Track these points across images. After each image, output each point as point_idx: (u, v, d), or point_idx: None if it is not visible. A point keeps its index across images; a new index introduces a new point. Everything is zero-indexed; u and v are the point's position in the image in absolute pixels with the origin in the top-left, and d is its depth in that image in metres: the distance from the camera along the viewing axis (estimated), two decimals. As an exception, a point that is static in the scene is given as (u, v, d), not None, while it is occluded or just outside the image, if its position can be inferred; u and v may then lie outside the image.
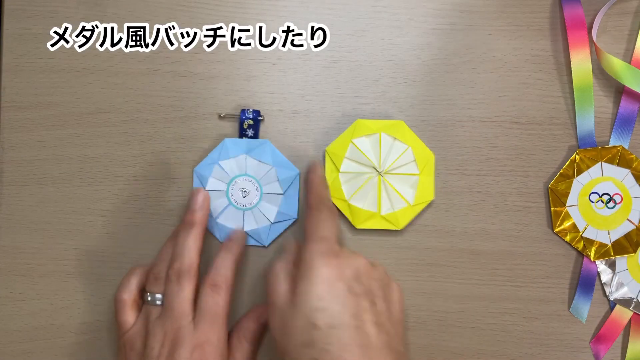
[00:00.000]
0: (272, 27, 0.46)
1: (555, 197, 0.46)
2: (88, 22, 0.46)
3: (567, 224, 0.46)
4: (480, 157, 0.46)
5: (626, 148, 0.45)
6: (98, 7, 0.46)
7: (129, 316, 0.41)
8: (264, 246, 0.45)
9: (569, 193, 0.46)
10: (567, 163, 0.45)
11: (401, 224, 0.44)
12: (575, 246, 0.46)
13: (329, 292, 0.35)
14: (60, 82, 0.46)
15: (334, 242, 0.38)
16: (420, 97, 0.46)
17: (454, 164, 0.46)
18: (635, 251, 0.45)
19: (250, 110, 0.45)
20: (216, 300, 0.38)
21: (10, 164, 0.45)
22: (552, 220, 0.46)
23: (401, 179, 0.44)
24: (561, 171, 0.46)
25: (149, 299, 0.40)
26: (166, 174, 0.46)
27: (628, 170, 0.45)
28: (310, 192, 0.41)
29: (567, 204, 0.46)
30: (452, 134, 0.46)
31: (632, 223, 0.46)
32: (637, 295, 0.46)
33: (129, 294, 0.41)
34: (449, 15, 0.46)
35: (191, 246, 0.40)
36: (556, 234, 0.46)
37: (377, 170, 0.44)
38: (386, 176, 0.44)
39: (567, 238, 0.46)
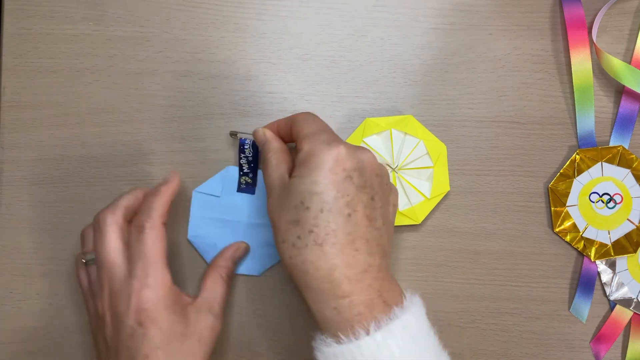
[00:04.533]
0: (272, 27, 0.46)
1: (556, 197, 0.46)
2: (88, 22, 0.46)
3: (567, 224, 0.46)
4: (480, 157, 0.46)
5: (626, 148, 0.45)
6: (98, 7, 0.46)
7: (82, 277, 0.41)
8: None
9: (569, 193, 0.46)
10: (567, 163, 0.45)
11: (419, 218, 0.44)
12: (575, 246, 0.46)
13: (326, 178, 0.35)
14: (60, 82, 0.46)
15: (333, 132, 0.38)
16: (420, 97, 0.46)
17: (454, 164, 0.46)
18: (635, 251, 0.45)
19: (250, 141, 0.43)
20: (142, 240, 0.37)
21: (10, 164, 0.45)
22: (552, 220, 0.46)
23: (416, 173, 0.44)
24: (561, 171, 0.46)
25: (84, 260, 0.40)
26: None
27: (628, 170, 0.45)
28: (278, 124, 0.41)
29: (567, 204, 0.46)
30: (452, 134, 0.46)
31: (632, 223, 0.46)
32: (637, 295, 0.46)
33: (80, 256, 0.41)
34: (449, 15, 0.46)
35: (122, 199, 0.39)
36: (556, 234, 0.46)
37: (392, 167, 0.44)
38: (401, 172, 0.44)
39: (567, 238, 0.46)
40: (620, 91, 0.46)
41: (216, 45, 0.46)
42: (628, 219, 0.46)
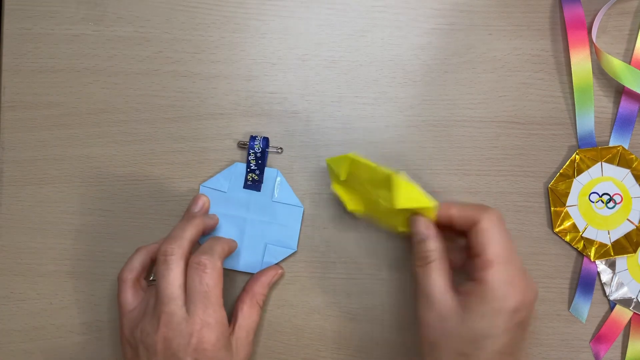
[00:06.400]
0: (272, 27, 0.46)
1: (555, 197, 0.46)
2: (88, 22, 0.46)
3: (567, 224, 0.46)
4: (480, 157, 0.46)
5: (626, 148, 0.45)
6: (98, 7, 0.46)
7: (129, 296, 0.40)
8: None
9: (569, 193, 0.46)
10: (567, 163, 0.45)
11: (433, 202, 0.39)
12: (575, 246, 0.46)
13: (504, 324, 0.36)
14: (60, 82, 0.46)
15: (520, 265, 0.37)
16: (420, 97, 0.46)
17: (454, 164, 0.46)
18: (635, 251, 0.45)
19: (260, 139, 0.44)
20: (204, 281, 0.38)
21: (10, 164, 0.45)
22: (552, 220, 0.46)
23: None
24: (561, 171, 0.46)
25: (152, 279, 0.40)
26: (166, 174, 0.46)
27: (628, 170, 0.45)
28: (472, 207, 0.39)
29: (567, 204, 0.46)
30: (452, 134, 0.46)
31: (632, 223, 0.46)
32: (637, 295, 0.46)
33: (131, 273, 0.41)
34: (449, 15, 0.46)
35: (186, 231, 0.40)
36: (556, 234, 0.46)
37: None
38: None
39: (567, 238, 0.46)
40: (620, 91, 0.46)
41: (216, 45, 0.46)
42: (628, 219, 0.46)
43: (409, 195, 0.38)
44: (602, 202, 0.46)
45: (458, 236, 0.40)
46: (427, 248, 0.39)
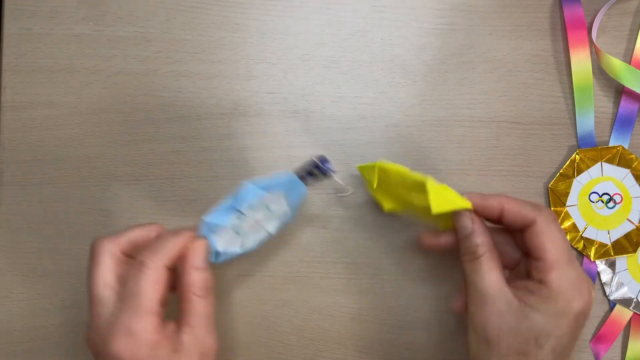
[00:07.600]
0: (272, 27, 0.46)
1: (555, 197, 0.46)
2: (88, 22, 0.46)
3: (567, 223, 0.46)
4: (480, 157, 0.46)
5: (626, 148, 0.45)
6: (98, 7, 0.46)
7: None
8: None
9: (569, 193, 0.46)
10: (567, 163, 0.45)
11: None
12: (575, 246, 0.46)
13: (568, 326, 0.35)
14: (60, 82, 0.46)
15: (578, 264, 0.36)
16: (420, 97, 0.46)
17: (454, 164, 0.46)
18: (635, 251, 0.45)
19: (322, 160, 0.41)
20: (138, 280, 0.34)
21: (10, 164, 0.45)
22: (552, 220, 0.46)
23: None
24: (561, 171, 0.46)
25: None
26: (166, 173, 0.46)
27: (628, 170, 0.45)
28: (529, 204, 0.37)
29: (567, 204, 0.46)
30: (452, 134, 0.46)
31: (632, 223, 0.46)
32: (637, 295, 0.46)
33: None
34: (449, 15, 0.46)
35: (132, 231, 0.37)
36: (556, 234, 0.46)
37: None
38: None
39: (567, 238, 0.46)
40: (620, 91, 0.46)
41: (216, 45, 0.46)
42: (628, 219, 0.46)
43: (445, 198, 0.36)
44: (602, 202, 0.46)
45: (508, 232, 0.39)
46: (475, 242, 0.37)
